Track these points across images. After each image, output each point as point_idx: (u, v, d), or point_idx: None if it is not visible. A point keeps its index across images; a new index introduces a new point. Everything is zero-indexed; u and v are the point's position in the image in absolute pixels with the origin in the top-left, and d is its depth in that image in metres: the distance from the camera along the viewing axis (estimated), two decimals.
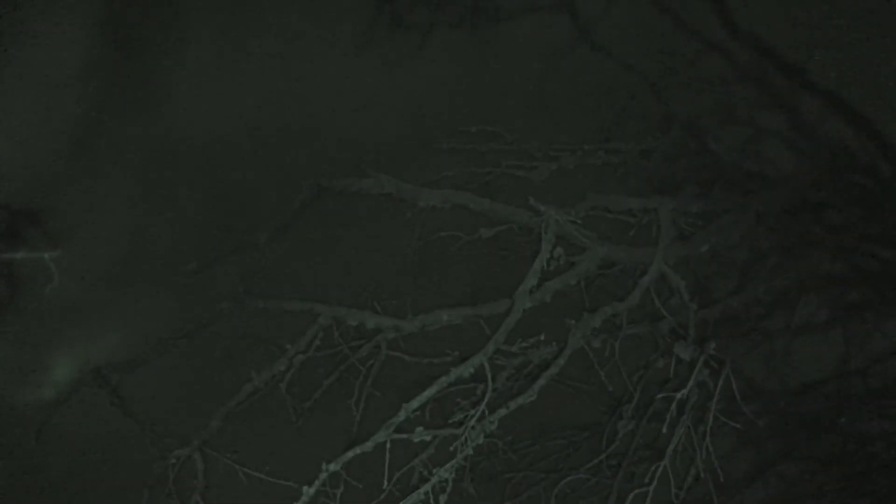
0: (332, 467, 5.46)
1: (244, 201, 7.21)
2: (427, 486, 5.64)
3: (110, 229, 7.29)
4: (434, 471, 5.70)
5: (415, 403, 5.57)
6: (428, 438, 5.75)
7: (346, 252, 7.18)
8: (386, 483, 5.55)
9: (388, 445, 5.53)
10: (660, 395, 6.01)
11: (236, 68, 7.42)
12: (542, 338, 6.20)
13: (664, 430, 5.72)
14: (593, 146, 7.29)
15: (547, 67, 7.62)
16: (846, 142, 7.42)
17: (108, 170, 7.35)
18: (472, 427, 5.65)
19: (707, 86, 7.55)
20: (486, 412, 5.71)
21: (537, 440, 7.24)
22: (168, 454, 6.54)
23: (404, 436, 5.66)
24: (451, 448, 5.67)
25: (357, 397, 6.63)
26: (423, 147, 7.28)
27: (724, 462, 7.09)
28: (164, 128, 7.38)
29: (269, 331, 6.86)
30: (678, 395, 5.65)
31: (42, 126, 7.29)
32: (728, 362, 5.84)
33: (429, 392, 5.61)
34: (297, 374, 6.68)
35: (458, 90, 7.59)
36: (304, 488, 5.44)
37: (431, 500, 5.65)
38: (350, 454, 5.47)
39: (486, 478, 7.09)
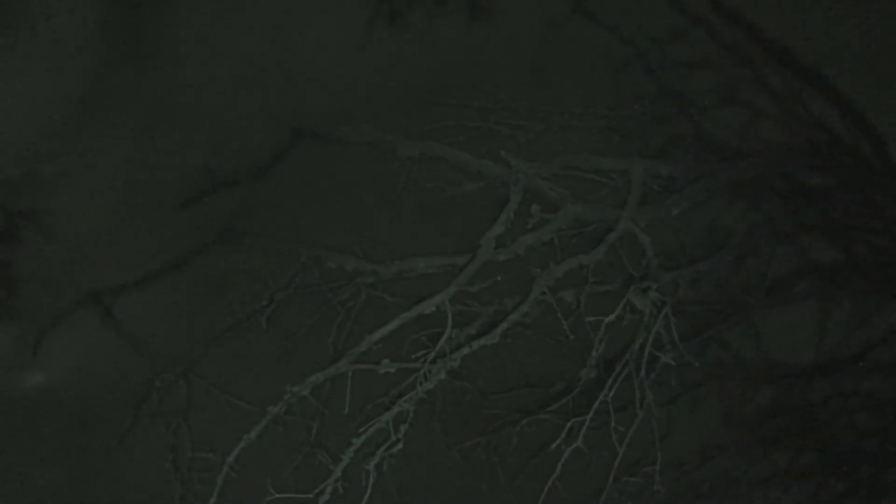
0: (296, 389, 5.76)
1: (229, 142, 7.49)
2: (388, 416, 5.93)
3: (105, 185, 7.57)
4: (397, 402, 6.00)
5: (377, 335, 5.86)
6: (392, 370, 6.03)
7: (329, 197, 7.40)
8: (347, 409, 5.85)
9: (349, 374, 5.83)
10: (590, 319, 6.21)
11: (238, 34, 7.72)
12: (499, 278, 6.44)
13: (593, 353, 5.94)
14: (581, 110, 7.50)
15: (542, 37, 7.83)
16: (829, 121, 7.59)
17: (104, 121, 7.63)
18: (433, 361, 5.92)
19: (696, 61, 7.72)
20: (447, 350, 5.98)
21: (511, 386, 7.43)
22: (154, 378, 6.89)
23: (368, 366, 5.95)
24: (412, 378, 5.96)
25: (335, 337, 6.92)
26: (413, 101, 7.51)
27: (705, 432, 7.37)
28: (162, 76, 7.68)
29: (254, 266, 7.15)
30: (606, 320, 5.88)
31: (41, 83, 7.57)
32: (668, 303, 6.04)
33: (391, 325, 5.90)
34: (282, 310, 6.97)
35: (456, 59, 7.80)
36: (269, 408, 5.76)
37: (392, 430, 5.95)
38: (312, 378, 5.77)
39: (458, 415, 7.29)
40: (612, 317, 5.96)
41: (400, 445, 5.98)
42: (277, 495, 5.95)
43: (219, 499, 6.10)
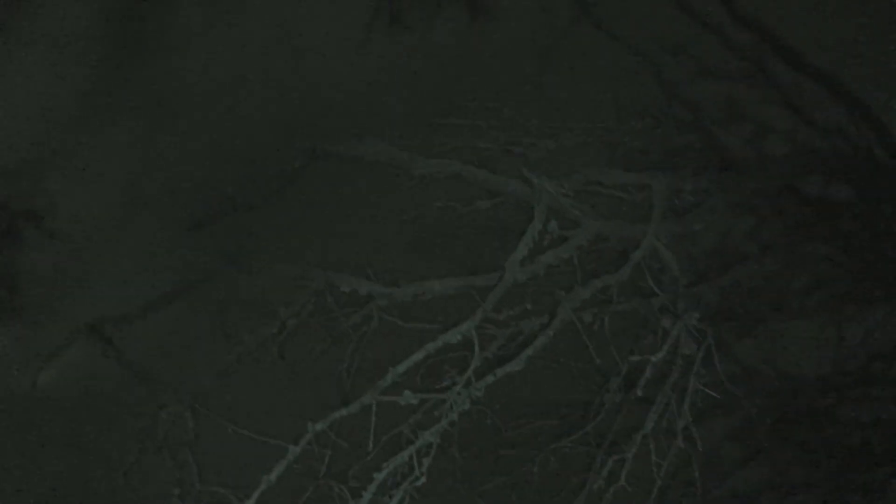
0: (318, 427, 5.56)
1: (241, 162, 7.30)
2: (411, 449, 5.76)
3: (108, 186, 7.39)
4: (419, 434, 5.80)
5: (401, 367, 5.68)
6: (415, 402, 5.87)
7: (341, 218, 7.24)
8: (371, 445, 5.65)
9: (374, 408, 5.63)
10: (634, 359, 6.08)
11: (239, 30, 7.55)
12: (529, 307, 6.28)
13: (640, 392, 5.80)
14: (591, 125, 7.34)
15: (547, 47, 7.66)
16: (844, 127, 7.48)
17: (105, 130, 7.46)
18: (458, 393, 5.73)
19: (708, 69, 7.59)
20: (473, 379, 5.79)
21: (529, 418, 7.27)
22: (160, 410, 6.65)
23: (391, 398, 5.75)
24: (437, 413, 5.76)
25: (348, 364, 6.71)
26: (423, 119, 7.34)
27: (717, 447, 7.23)
28: (167, 85, 7.50)
29: (264, 292, 6.95)
30: (653, 359, 5.73)
31: (43, 83, 7.42)
32: (709, 334, 5.90)
33: (416, 356, 5.73)
34: (292, 337, 6.77)
35: (459, 66, 7.65)
36: (290, 447, 5.55)
37: (415, 463, 5.75)
38: (336, 415, 5.57)
39: (475, 451, 7.12)
40: (659, 355, 5.78)
41: (423, 479, 5.79)
42: None
43: None
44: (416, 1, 7.64)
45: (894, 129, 7.47)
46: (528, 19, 7.75)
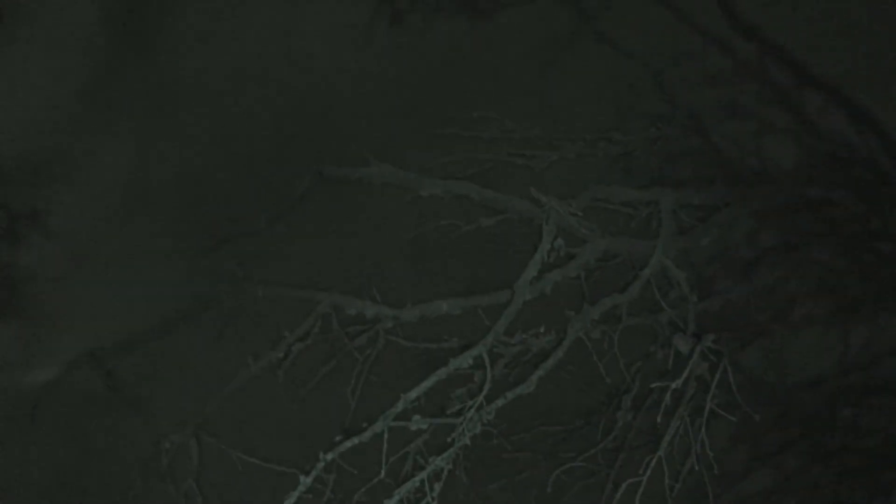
0: (329, 456, 5.49)
1: (244, 186, 7.24)
2: (423, 474, 5.69)
3: (109, 186, 7.41)
4: (430, 459, 5.74)
5: (413, 394, 5.62)
6: (425, 427, 5.79)
7: (345, 240, 7.19)
8: (383, 472, 5.58)
9: (385, 435, 5.56)
10: (654, 385, 6.03)
11: (239, 31, 7.57)
12: (542, 329, 6.22)
13: (659, 419, 5.76)
14: (594, 136, 7.28)
15: (548, 57, 7.60)
16: (847, 136, 7.44)
17: (106, 130, 7.47)
18: (470, 417, 5.67)
19: (710, 79, 7.54)
20: (484, 402, 5.73)
21: (533, 428, 7.21)
22: (162, 438, 6.56)
23: (402, 423, 5.68)
24: (449, 439, 5.70)
25: (353, 386, 6.64)
26: (423, 133, 7.28)
27: (722, 454, 7.15)
28: (167, 86, 7.52)
29: (268, 315, 6.87)
30: (673, 385, 5.68)
31: (43, 82, 7.45)
32: (725, 355, 5.85)
33: (427, 382, 5.66)
34: (297, 361, 6.70)
35: (458, 78, 7.61)
36: (302, 477, 5.48)
37: (426, 488, 5.69)
38: (348, 444, 5.50)
39: (480, 465, 7.05)
40: (679, 381, 5.72)
41: None
42: None
43: None
44: (417, 2, 7.59)
45: None
46: (529, 29, 7.70)
